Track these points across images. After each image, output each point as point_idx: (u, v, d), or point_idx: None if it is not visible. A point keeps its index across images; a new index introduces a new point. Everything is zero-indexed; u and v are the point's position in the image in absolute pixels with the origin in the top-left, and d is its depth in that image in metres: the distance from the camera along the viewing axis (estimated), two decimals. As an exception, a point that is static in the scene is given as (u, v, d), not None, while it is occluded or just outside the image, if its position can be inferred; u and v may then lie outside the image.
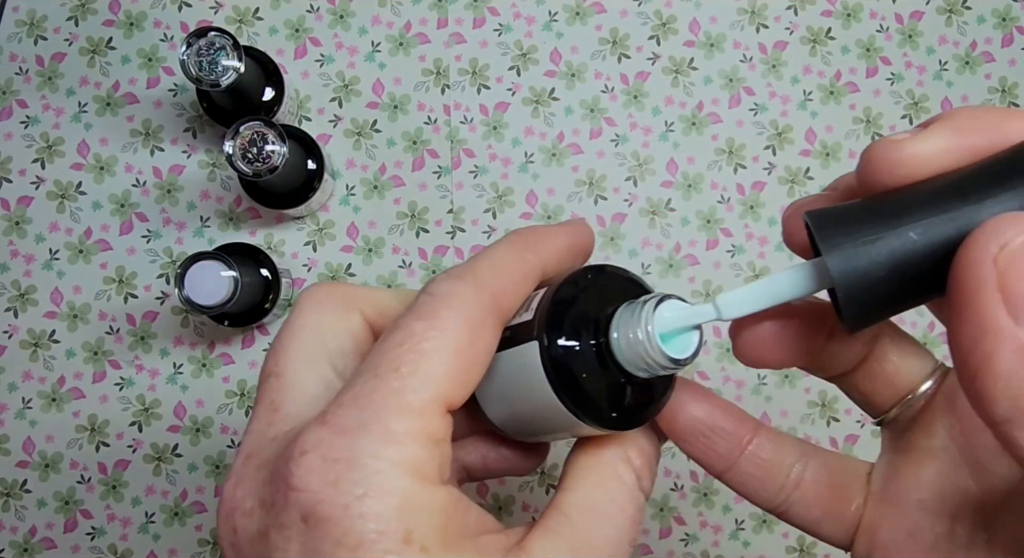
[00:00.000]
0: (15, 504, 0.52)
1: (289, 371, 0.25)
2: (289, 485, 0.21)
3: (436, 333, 0.22)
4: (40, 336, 0.53)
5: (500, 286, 0.24)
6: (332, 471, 0.21)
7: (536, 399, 0.24)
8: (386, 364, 0.22)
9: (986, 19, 0.55)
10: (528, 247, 0.25)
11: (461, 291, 0.23)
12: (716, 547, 0.53)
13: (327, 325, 0.26)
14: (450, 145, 0.54)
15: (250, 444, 0.24)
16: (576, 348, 0.24)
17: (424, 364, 0.22)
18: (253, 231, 0.53)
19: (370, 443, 0.21)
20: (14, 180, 0.53)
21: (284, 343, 0.25)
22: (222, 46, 0.45)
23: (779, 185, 0.55)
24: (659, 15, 0.55)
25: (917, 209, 0.20)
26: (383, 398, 0.21)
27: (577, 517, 0.24)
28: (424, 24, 0.54)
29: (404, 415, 0.21)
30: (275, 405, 0.24)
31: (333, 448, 0.21)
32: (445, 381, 0.22)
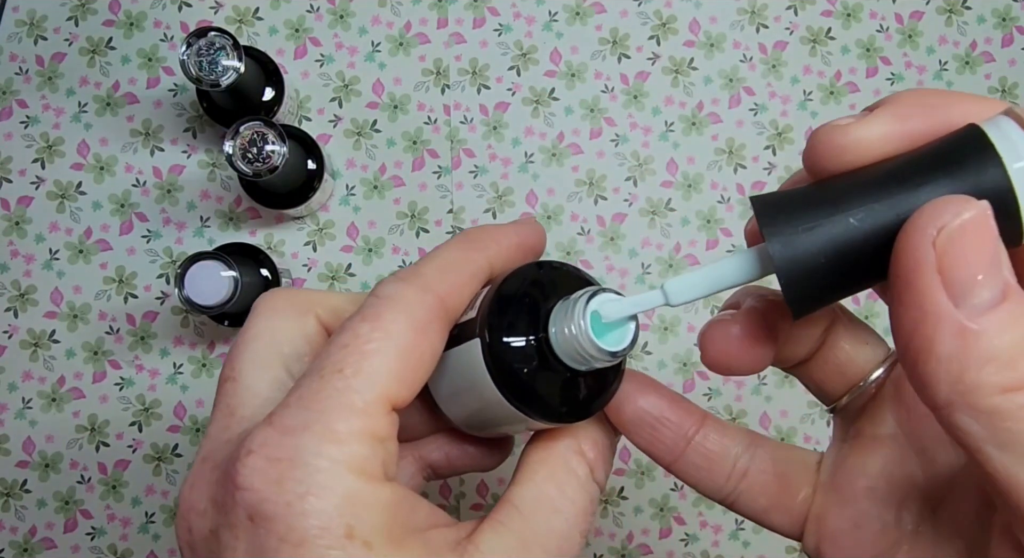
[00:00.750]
0: (15, 504, 0.52)
1: (244, 375, 0.25)
2: (236, 484, 0.21)
3: (380, 334, 0.23)
4: (40, 336, 0.53)
5: (446, 287, 0.24)
6: (275, 470, 0.21)
7: (483, 395, 0.25)
8: (330, 365, 0.22)
9: (986, 19, 0.55)
10: (475, 246, 0.26)
11: (406, 293, 0.23)
12: (716, 547, 0.53)
13: (281, 329, 0.26)
14: (450, 145, 0.54)
15: (207, 447, 0.24)
16: (516, 345, 0.24)
17: (367, 365, 0.22)
18: (253, 231, 0.53)
19: (313, 442, 0.21)
20: (14, 180, 0.53)
21: (240, 348, 0.26)
22: (222, 46, 0.45)
23: (779, 185, 0.54)
24: (659, 15, 0.55)
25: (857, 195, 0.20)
26: (327, 398, 0.22)
27: (527, 510, 0.24)
28: (424, 24, 0.54)
29: (347, 414, 0.22)
30: (230, 408, 0.25)
31: (277, 448, 0.21)
32: (388, 381, 0.22)
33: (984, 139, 0.19)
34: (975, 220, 0.18)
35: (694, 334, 0.53)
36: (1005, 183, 0.19)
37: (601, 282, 0.29)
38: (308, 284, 0.53)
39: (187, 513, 0.23)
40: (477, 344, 0.24)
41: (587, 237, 0.54)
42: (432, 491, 0.53)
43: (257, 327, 0.26)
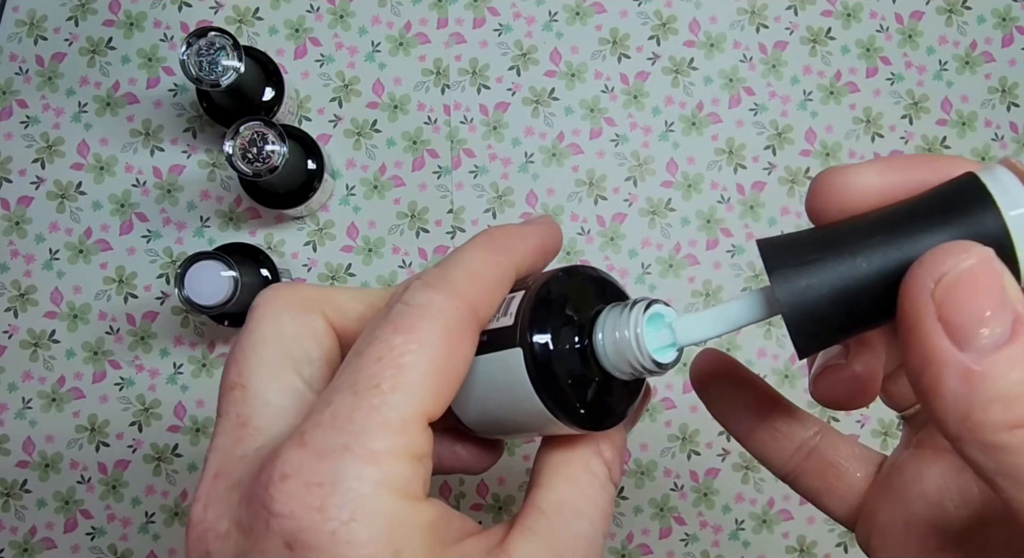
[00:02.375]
0: (15, 504, 0.52)
1: (254, 382, 0.24)
2: (270, 511, 0.20)
3: (416, 346, 0.22)
4: (40, 336, 0.53)
5: (476, 294, 0.23)
6: (316, 496, 0.20)
7: (517, 403, 0.24)
8: (364, 380, 0.21)
9: (986, 19, 0.55)
10: (500, 250, 0.25)
11: (439, 301, 0.23)
12: (716, 547, 0.53)
13: (289, 331, 0.25)
14: (450, 145, 0.54)
15: (218, 462, 0.23)
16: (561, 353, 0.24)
17: (404, 379, 0.21)
18: (253, 231, 0.53)
19: (353, 465, 0.20)
20: (14, 180, 0.53)
21: (246, 352, 0.25)
22: (222, 46, 0.45)
23: (779, 185, 0.55)
24: (659, 15, 0.55)
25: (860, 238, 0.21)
26: (364, 416, 0.21)
27: (553, 514, 0.24)
28: (424, 24, 0.54)
29: (386, 433, 0.21)
30: (242, 419, 0.24)
31: (315, 472, 0.20)
32: (426, 395, 0.22)
33: (981, 187, 0.20)
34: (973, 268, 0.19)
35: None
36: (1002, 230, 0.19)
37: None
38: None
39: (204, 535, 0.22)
40: (518, 353, 0.24)
41: (587, 237, 0.54)
42: (432, 491, 0.53)
43: (262, 329, 0.25)
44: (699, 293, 0.54)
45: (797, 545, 0.53)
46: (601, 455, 0.26)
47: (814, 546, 0.53)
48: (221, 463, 0.23)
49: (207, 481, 0.23)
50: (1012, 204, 0.19)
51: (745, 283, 0.54)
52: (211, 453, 0.23)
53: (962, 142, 0.55)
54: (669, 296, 0.54)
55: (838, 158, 0.55)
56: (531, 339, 0.24)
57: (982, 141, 0.55)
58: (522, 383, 0.24)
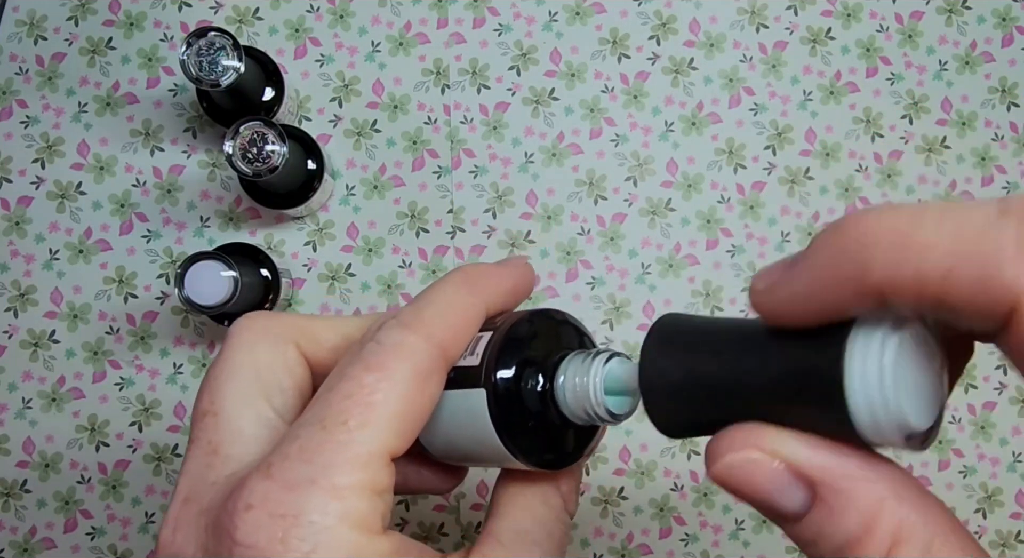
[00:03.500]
0: (15, 504, 0.52)
1: (226, 410, 0.25)
2: (234, 539, 0.21)
3: (385, 385, 0.22)
4: (40, 336, 0.53)
5: (448, 334, 0.24)
6: (279, 527, 0.21)
7: (479, 439, 0.25)
8: (333, 416, 0.22)
9: (986, 19, 0.55)
10: (473, 290, 0.26)
11: (410, 342, 0.23)
12: (716, 547, 0.53)
13: (263, 361, 0.26)
14: (450, 145, 0.54)
15: (188, 486, 0.24)
16: (521, 397, 0.25)
17: (372, 417, 0.22)
18: (253, 231, 0.53)
19: (317, 499, 0.21)
20: (14, 180, 0.53)
21: (220, 380, 0.25)
22: (222, 46, 0.45)
23: (779, 185, 0.55)
24: (659, 15, 0.55)
25: (731, 346, 0.21)
26: (331, 451, 0.22)
27: (509, 543, 0.25)
28: (424, 24, 0.54)
29: (351, 469, 0.22)
30: (213, 446, 0.24)
31: (280, 504, 0.21)
32: (392, 433, 0.22)
33: (839, 378, 0.18)
34: (731, 465, 0.19)
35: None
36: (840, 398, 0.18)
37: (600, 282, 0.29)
38: (308, 284, 0.53)
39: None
40: (482, 394, 0.25)
41: (587, 237, 0.54)
42: (432, 491, 0.52)
43: (237, 358, 0.26)
44: (699, 293, 0.54)
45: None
46: (557, 488, 0.27)
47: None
48: (191, 488, 0.23)
49: (176, 504, 0.23)
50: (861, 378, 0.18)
51: (745, 283, 0.54)
52: (182, 477, 0.24)
53: (962, 142, 0.55)
54: (669, 296, 0.54)
55: (838, 158, 0.55)
56: (495, 381, 0.24)
57: (982, 141, 0.55)
58: (484, 422, 0.25)
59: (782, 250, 0.54)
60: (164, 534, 0.23)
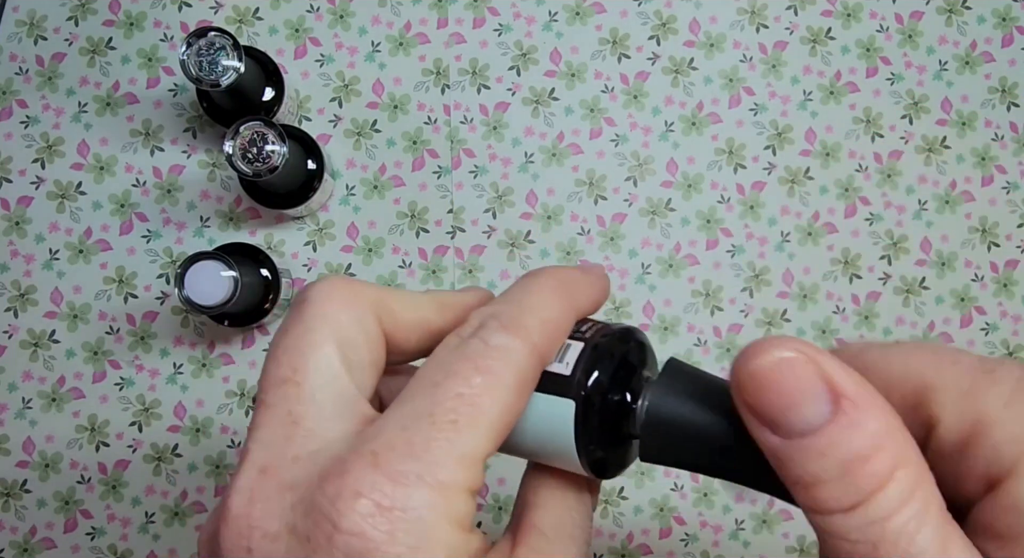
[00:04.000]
0: (15, 504, 0.52)
1: (310, 382, 0.24)
2: (336, 526, 0.21)
3: (495, 390, 0.23)
4: (40, 336, 0.53)
5: (546, 342, 0.25)
6: (386, 519, 0.21)
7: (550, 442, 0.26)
8: (442, 413, 0.22)
9: (986, 19, 0.55)
10: (570, 298, 0.26)
11: (515, 347, 0.24)
12: (716, 547, 0.53)
13: (347, 333, 0.25)
14: (450, 145, 0.54)
15: (265, 456, 0.23)
16: (605, 413, 0.26)
17: (479, 419, 0.22)
18: (253, 231, 0.53)
19: (424, 495, 0.21)
20: (14, 180, 0.53)
21: (302, 349, 0.24)
22: (222, 46, 0.45)
23: (779, 185, 0.55)
24: (659, 15, 0.55)
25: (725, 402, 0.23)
26: (438, 448, 0.22)
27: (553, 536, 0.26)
28: (424, 24, 0.54)
29: (456, 468, 0.22)
30: (294, 417, 0.23)
31: (388, 496, 0.21)
32: (493, 436, 0.23)
33: None
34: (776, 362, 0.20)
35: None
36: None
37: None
38: (309, 282, 0.53)
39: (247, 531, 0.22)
40: (570, 405, 0.25)
41: (587, 237, 0.54)
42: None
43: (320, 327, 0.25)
44: (699, 293, 0.54)
45: (797, 545, 0.53)
46: (588, 486, 0.28)
47: (814, 546, 0.53)
48: (268, 458, 0.23)
49: (250, 474, 0.23)
50: None
51: (745, 283, 0.54)
52: (253, 444, 0.23)
53: (962, 142, 0.55)
54: (669, 296, 0.54)
55: (838, 158, 0.55)
56: (586, 396, 0.25)
57: (982, 141, 0.55)
58: (565, 431, 0.25)
59: (782, 250, 0.54)
60: (236, 502, 0.22)
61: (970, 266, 0.55)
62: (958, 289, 0.54)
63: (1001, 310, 0.54)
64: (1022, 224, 0.55)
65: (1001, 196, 0.55)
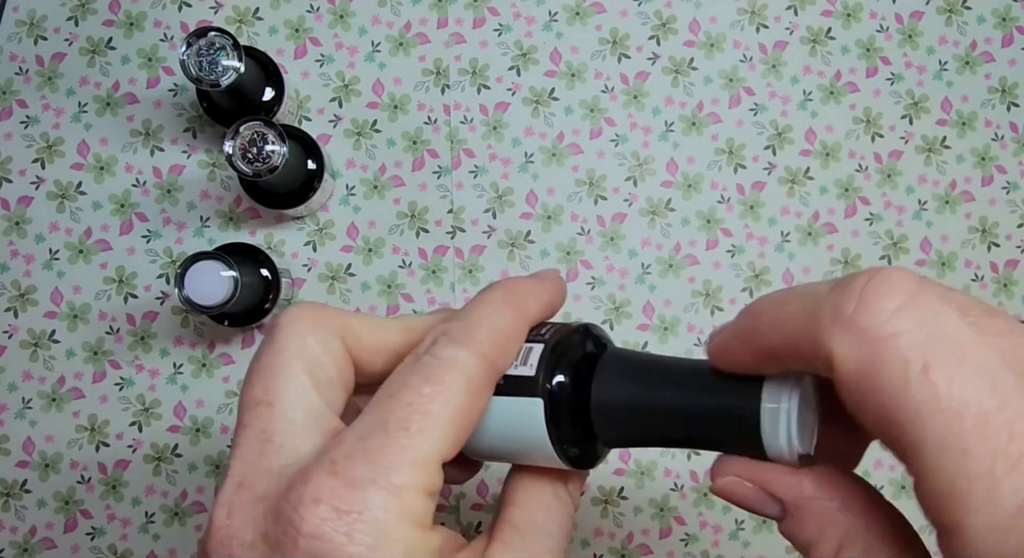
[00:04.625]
0: (15, 504, 0.52)
1: (280, 401, 0.26)
2: (299, 530, 0.22)
3: (443, 397, 0.25)
4: (40, 336, 0.53)
5: (496, 350, 0.26)
6: (344, 522, 0.22)
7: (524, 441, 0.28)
8: (395, 422, 0.24)
9: (986, 19, 0.55)
10: (518, 307, 0.28)
11: (463, 358, 0.25)
12: (716, 547, 0.53)
13: (314, 354, 0.27)
14: (450, 145, 0.54)
15: (241, 472, 0.25)
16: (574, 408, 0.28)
17: (430, 425, 0.24)
18: (253, 231, 0.53)
19: (379, 497, 0.23)
20: (14, 180, 0.53)
21: (274, 371, 0.26)
22: (222, 46, 0.45)
23: (779, 185, 0.55)
24: (659, 15, 0.55)
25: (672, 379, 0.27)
26: (392, 454, 0.23)
27: (527, 531, 0.28)
28: (424, 24, 0.54)
29: (411, 471, 0.23)
30: (267, 434, 0.25)
31: (345, 500, 0.23)
32: (446, 440, 0.24)
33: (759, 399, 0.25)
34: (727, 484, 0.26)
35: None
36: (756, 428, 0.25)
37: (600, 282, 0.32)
38: (308, 284, 0.53)
39: (227, 541, 0.24)
40: (538, 403, 0.27)
41: (587, 237, 0.54)
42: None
43: (289, 349, 0.27)
44: (699, 293, 0.54)
45: (797, 545, 0.53)
46: (565, 485, 0.29)
47: (814, 546, 0.53)
48: (245, 473, 0.25)
49: (230, 489, 0.25)
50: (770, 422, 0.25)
51: (745, 283, 0.54)
52: (233, 461, 0.25)
53: (962, 142, 0.55)
54: (669, 296, 0.54)
55: (838, 158, 0.55)
56: (552, 392, 0.27)
57: (982, 141, 0.55)
58: (538, 428, 0.27)
59: (782, 250, 0.54)
60: (217, 516, 0.24)
61: (970, 266, 0.55)
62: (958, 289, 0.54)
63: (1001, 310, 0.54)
64: (1022, 224, 0.55)
65: (1001, 196, 0.55)
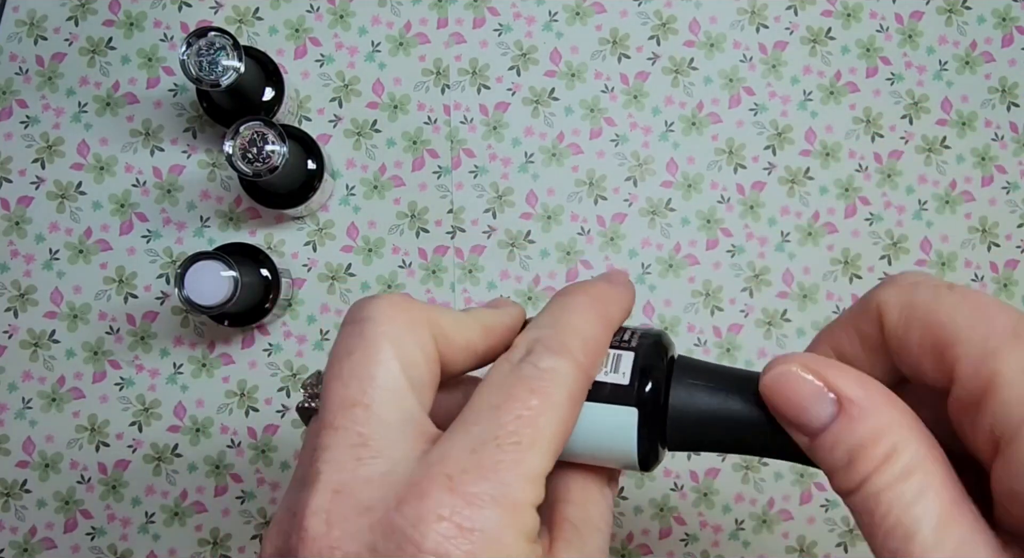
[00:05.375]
0: (15, 504, 0.52)
1: (377, 403, 0.25)
2: (420, 547, 0.22)
3: (550, 410, 0.25)
4: (40, 336, 0.53)
5: (590, 360, 0.27)
6: (467, 540, 0.22)
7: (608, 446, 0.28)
8: (506, 435, 0.24)
9: (986, 19, 0.55)
10: (606, 315, 0.28)
11: (563, 368, 0.26)
12: (716, 547, 0.53)
13: (410, 355, 0.26)
14: (450, 145, 0.54)
15: (338, 477, 0.24)
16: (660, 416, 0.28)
17: (540, 438, 0.24)
18: (253, 231, 0.53)
19: (502, 515, 0.23)
20: (14, 180, 0.53)
21: (371, 372, 0.25)
22: (222, 46, 0.45)
23: (779, 185, 0.55)
24: (659, 15, 0.55)
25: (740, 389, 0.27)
26: (507, 470, 0.23)
27: (584, 529, 0.28)
28: (424, 24, 0.54)
29: (525, 486, 0.24)
30: (363, 438, 0.24)
31: (467, 518, 0.22)
32: (552, 453, 0.25)
33: None
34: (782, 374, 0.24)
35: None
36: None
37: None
38: (308, 284, 0.53)
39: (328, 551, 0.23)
40: (633, 412, 0.28)
41: (587, 237, 0.54)
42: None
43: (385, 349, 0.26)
44: (699, 293, 0.54)
45: (797, 545, 0.53)
46: (611, 482, 0.30)
47: (814, 546, 0.53)
48: (342, 481, 0.24)
49: (325, 495, 0.23)
50: None
51: (745, 283, 0.54)
52: (325, 465, 0.24)
53: (962, 142, 0.55)
54: (669, 296, 0.54)
55: (838, 158, 0.55)
56: (646, 402, 0.28)
57: (982, 141, 0.55)
58: (627, 436, 0.28)
59: (782, 250, 0.54)
60: (314, 524, 0.23)
61: (970, 266, 0.55)
62: (958, 289, 0.54)
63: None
64: (1022, 224, 0.55)
65: (1001, 196, 0.55)
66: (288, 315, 0.53)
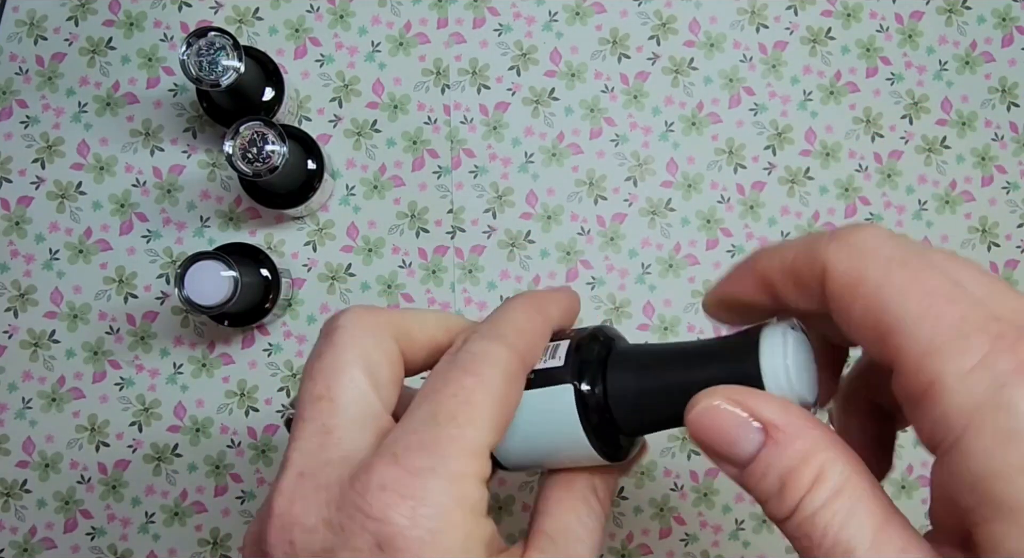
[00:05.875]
0: (15, 504, 0.52)
1: (341, 398, 0.27)
2: (366, 514, 0.24)
3: (483, 388, 0.26)
4: (40, 336, 0.53)
5: (523, 344, 0.28)
6: (408, 507, 0.24)
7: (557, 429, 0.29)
8: (444, 414, 0.26)
9: (986, 19, 0.55)
10: (542, 311, 0.30)
11: (497, 351, 0.28)
12: (716, 547, 0.53)
13: (371, 353, 0.28)
14: (450, 145, 0.54)
15: (302, 462, 0.26)
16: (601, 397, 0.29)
17: (476, 414, 0.26)
18: (253, 231, 0.53)
19: (441, 484, 0.25)
20: (14, 180, 0.53)
21: (336, 369, 0.28)
22: (222, 46, 0.45)
23: (779, 185, 0.55)
24: (659, 15, 0.55)
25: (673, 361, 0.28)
26: (446, 444, 0.25)
27: (560, 540, 0.29)
28: (424, 24, 0.54)
29: (464, 459, 0.25)
30: (327, 428, 0.27)
31: (408, 487, 0.24)
32: (491, 427, 0.26)
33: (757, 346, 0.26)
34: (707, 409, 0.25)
35: (694, 334, 0.53)
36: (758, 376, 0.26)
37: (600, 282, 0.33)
38: (308, 284, 0.53)
39: (290, 527, 0.25)
40: (568, 389, 0.29)
41: (587, 237, 0.54)
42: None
43: (350, 350, 0.28)
44: (699, 293, 0.54)
45: (797, 545, 0.53)
46: (595, 492, 0.31)
47: (814, 546, 0.53)
48: (306, 464, 0.26)
49: (290, 478, 0.26)
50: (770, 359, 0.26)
51: (745, 283, 0.54)
52: (293, 453, 0.27)
53: (962, 142, 0.55)
54: (669, 296, 0.54)
55: (838, 158, 0.55)
56: (579, 375, 0.29)
57: (982, 141, 0.55)
58: (568, 414, 0.29)
59: (782, 250, 0.54)
60: (279, 503, 0.26)
61: (970, 266, 0.55)
62: (958, 289, 0.54)
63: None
64: (1022, 224, 0.55)
65: (1001, 196, 0.55)
66: (288, 315, 0.53)
